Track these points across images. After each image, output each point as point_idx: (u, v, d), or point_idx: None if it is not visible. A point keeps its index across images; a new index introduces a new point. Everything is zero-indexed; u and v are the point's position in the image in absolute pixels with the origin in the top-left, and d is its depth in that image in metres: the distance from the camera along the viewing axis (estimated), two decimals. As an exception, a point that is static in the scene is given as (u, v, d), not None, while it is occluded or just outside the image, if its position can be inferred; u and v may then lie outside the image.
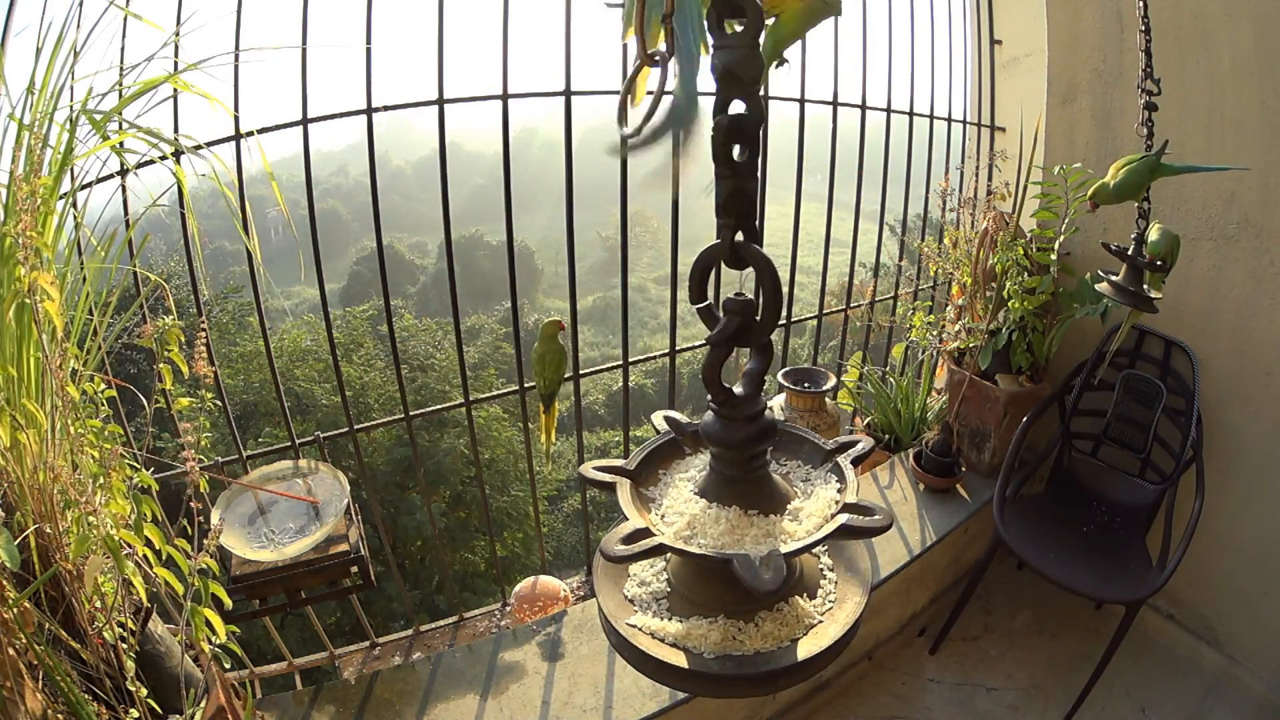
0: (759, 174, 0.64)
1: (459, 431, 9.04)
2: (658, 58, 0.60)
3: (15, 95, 0.98)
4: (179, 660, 1.10)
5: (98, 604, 0.97)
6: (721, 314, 0.67)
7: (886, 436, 2.32)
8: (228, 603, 1.10)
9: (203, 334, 1.06)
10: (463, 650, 1.65)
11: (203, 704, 1.10)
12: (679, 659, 0.67)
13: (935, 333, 2.28)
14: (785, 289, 2.27)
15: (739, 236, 0.64)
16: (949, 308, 2.27)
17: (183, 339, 1.06)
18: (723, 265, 0.68)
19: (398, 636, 1.93)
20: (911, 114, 2.33)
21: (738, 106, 0.61)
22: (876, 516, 0.65)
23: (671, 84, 0.60)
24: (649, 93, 0.63)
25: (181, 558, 1.00)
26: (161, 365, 1.05)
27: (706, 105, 0.61)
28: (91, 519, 0.89)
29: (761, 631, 0.69)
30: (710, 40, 0.59)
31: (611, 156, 0.72)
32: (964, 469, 2.15)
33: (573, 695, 1.53)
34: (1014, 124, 2.40)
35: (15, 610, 0.86)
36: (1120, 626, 1.72)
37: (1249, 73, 1.65)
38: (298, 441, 1.61)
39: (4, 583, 0.85)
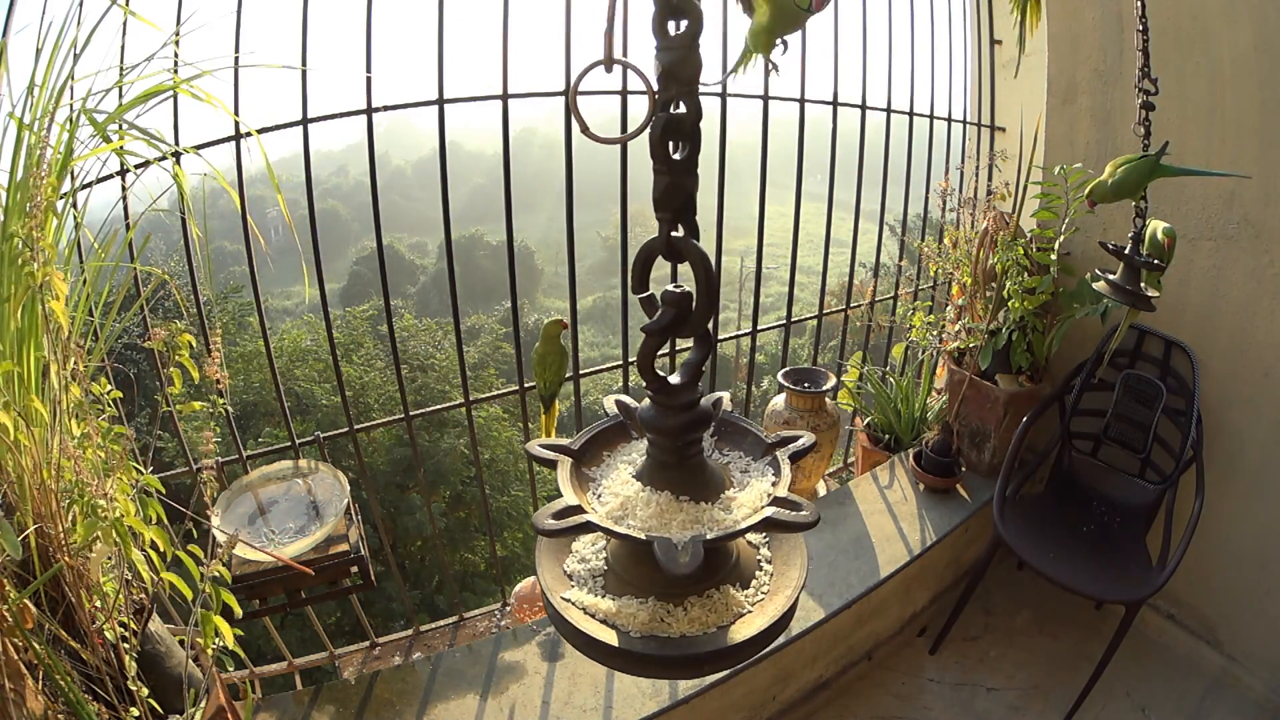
0: (697, 171, 0.65)
1: (459, 431, 9.04)
2: (611, 67, 0.62)
3: (15, 95, 0.98)
4: (179, 660, 1.10)
5: (98, 604, 0.97)
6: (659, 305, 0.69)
7: (886, 436, 2.32)
8: (238, 611, 1.10)
9: (216, 342, 1.07)
10: (463, 650, 1.65)
11: (203, 704, 1.11)
12: (608, 636, 0.68)
13: (935, 333, 2.28)
14: (785, 289, 2.27)
15: (677, 231, 0.66)
16: (949, 308, 2.27)
17: (194, 344, 1.06)
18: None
19: (398, 636, 1.93)
20: (911, 114, 2.33)
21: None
22: (804, 512, 0.66)
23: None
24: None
25: (191, 562, 1.00)
26: (172, 369, 1.05)
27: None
28: (101, 503, 0.89)
29: (689, 616, 0.70)
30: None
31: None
32: (964, 469, 2.16)
33: (573, 695, 1.54)
34: (1014, 124, 2.40)
35: (15, 610, 0.86)
36: (1120, 626, 1.72)
37: (1249, 73, 1.65)
38: (298, 441, 1.61)
39: (4, 582, 0.85)
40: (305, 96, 1.46)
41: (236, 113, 1.29)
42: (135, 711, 0.96)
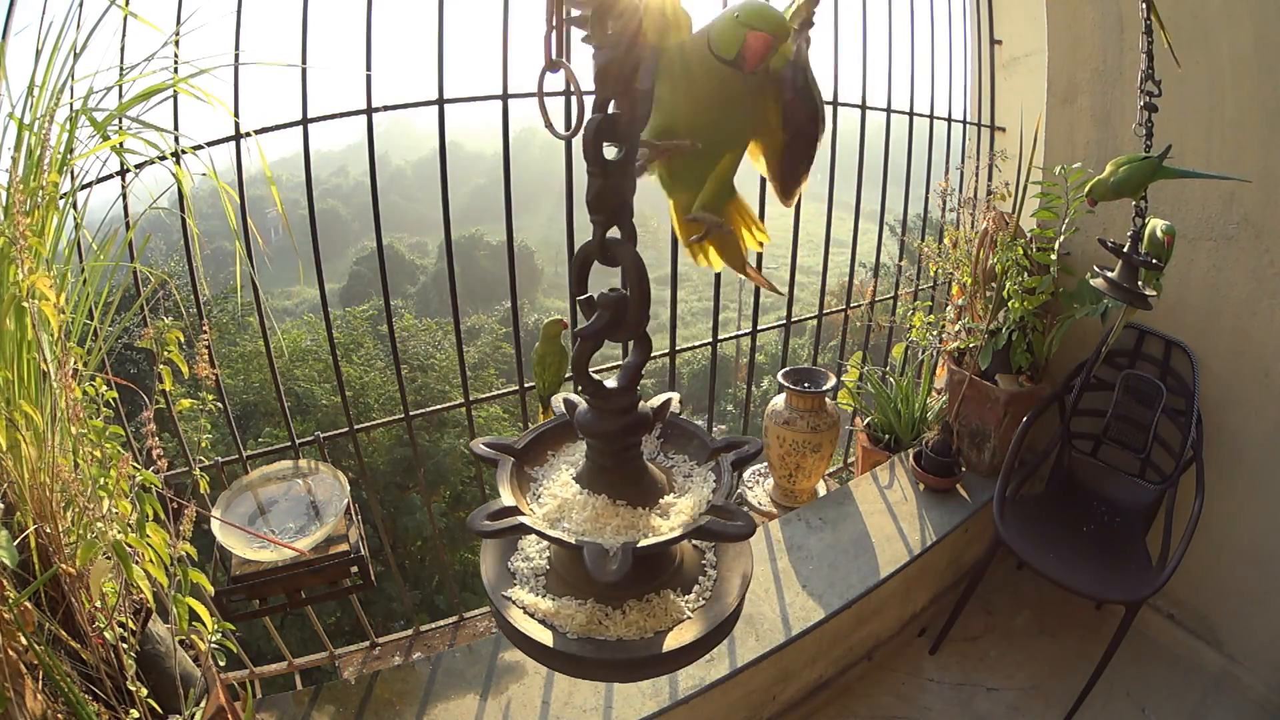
0: (633, 172, 0.64)
1: (459, 431, 9.04)
2: (554, 64, 0.62)
3: (15, 95, 0.98)
4: (179, 660, 1.10)
5: (98, 604, 0.97)
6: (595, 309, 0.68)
7: (886, 436, 2.32)
8: (208, 588, 1.09)
9: (205, 337, 1.07)
10: (463, 650, 1.65)
11: (202, 704, 1.11)
12: (544, 636, 0.68)
13: (935, 333, 2.28)
14: (785, 289, 2.27)
15: (612, 233, 0.65)
16: (949, 308, 2.27)
17: (182, 340, 1.06)
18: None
19: (398, 636, 1.93)
20: (911, 114, 2.33)
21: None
22: (739, 522, 0.64)
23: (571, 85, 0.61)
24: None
25: (164, 548, 0.99)
26: (161, 367, 1.05)
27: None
28: (100, 524, 0.89)
29: (627, 620, 0.69)
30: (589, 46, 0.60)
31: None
32: (964, 469, 2.16)
33: (573, 695, 1.54)
34: (1014, 124, 2.40)
35: (15, 610, 0.86)
36: (1120, 626, 1.72)
37: (1249, 73, 1.65)
38: (298, 441, 1.61)
39: (4, 582, 0.85)
40: (305, 96, 1.45)
41: (236, 112, 1.29)
42: (135, 712, 0.96)
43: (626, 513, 0.70)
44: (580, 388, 0.69)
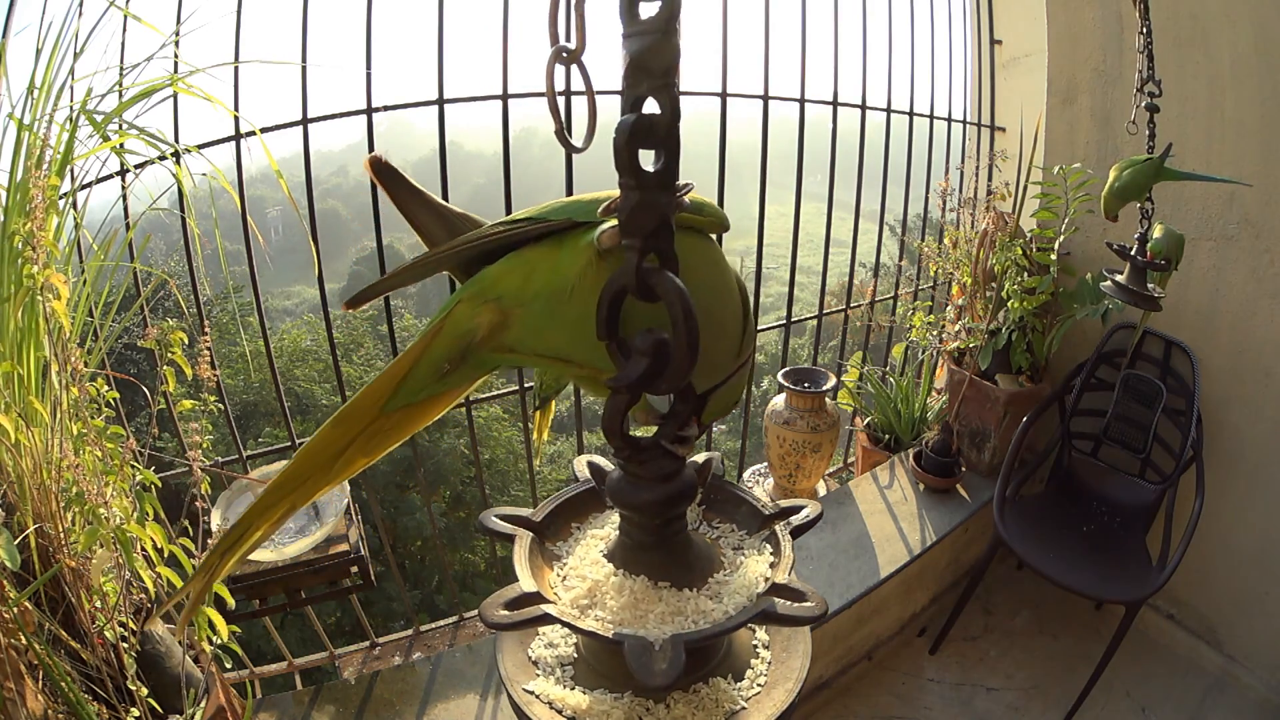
0: (675, 186, 0.52)
1: (459, 431, 9.04)
2: (565, 53, 0.54)
3: (15, 95, 0.98)
4: (179, 660, 1.10)
5: (98, 604, 0.97)
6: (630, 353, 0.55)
7: (886, 436, 2.32)
8: (230, 602, 1.10)
9: (205, 337, 1.07)
10: (463, 650, 1.65)
11: (203, 704, 1.11)
12: None
13: (935, 333, 2.28)
14: (785, 289, 2.27)
15: (649, 261, 0.52)
16: (949, 308, 2.27)
17: (185, 340, 1.06)
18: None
19: (398, 636, 1.93)
20: (911, 114, 2.33)
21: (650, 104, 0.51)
22: (809, 604, 0.55)
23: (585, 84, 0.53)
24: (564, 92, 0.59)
25: (185, 556, 1.00)
26: (165, 368, 1.05)
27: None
28: (101, 510, 0.89)
29: (671, 715, 0.60)
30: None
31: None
32: (964, 469, 2.16)
33: (573, 695, 1.53)
34: (1014, 124, 2.40)
35: (15, 610, 0.86)
36: (1120, 626, 1.72)
37: (1249, 73, 1.65)
38: (298, 441, 1.61)
39: (4, 583, 0.85)
40: (305, 96, 1.45)
41: (236, 108, 1.29)
42: (135, 712, 0.96)
43: (671, 596, 0.60)
44: (613, 450, 0.58)
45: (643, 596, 0.60)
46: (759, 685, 0.63)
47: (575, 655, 0.66)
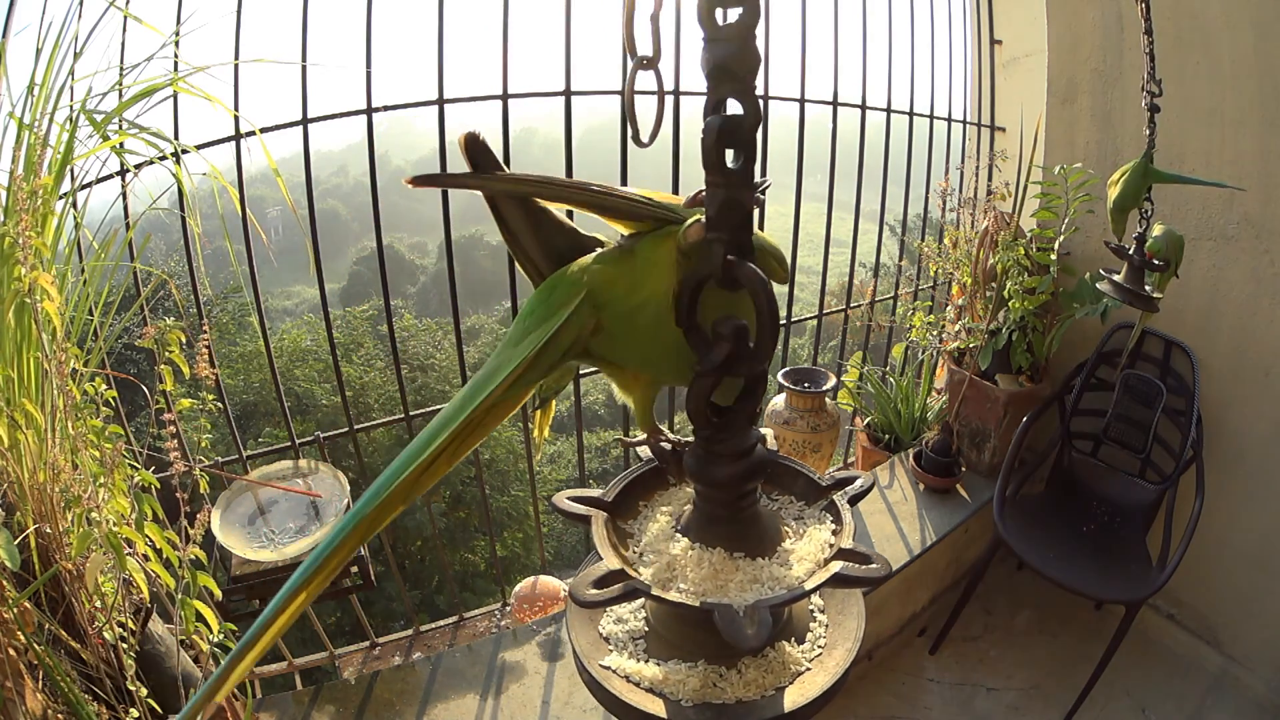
0: (754, 183, 0.57)
1: (459, 431, 9.01)
2: (645, 61, 0.57)
3: (15, 95, 0.98)
4: (179, 660, 1.10)
5: (98, 604, 0.97)
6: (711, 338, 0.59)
7: (886, 436, 2.32)
8: (216, 593, 1.09)
9: (205, 337, 1.07)
10: (463, 650, 1.65)
11: (203, 704, 1.10)
12: (656, 706, 0.61)
13: (935, 333, 2.28)
14: (786, 289, 2.27)
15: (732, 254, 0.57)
16: (949, 308, 2.27)
17: (184, 339, 1.06)
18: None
19: (398, 636, 1.93)
20: (911, 114, 2.33)
21: (733, 106, 0.56)
22: (874, 565, 0.59)
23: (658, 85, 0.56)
24: (644, 92, 0.61)
25: (172, 551, 1.00)
26: (162, 367, 1.05)
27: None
28: (94, 515, 0.89)
29: (744, 679, 0.63)
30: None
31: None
32: (964, 469, 2.15)
33: (573, 695, 1.53)
34: (1014, 124, 2.40)
35: (15, 610, 0.86)
36: (1120, 626, 1.72)
37: (1249, 73, 1.65)
38: (298, 441, 1.61)
39: (4, 583, 0.85)
40: (305, 96, 1.45)
41: (236, 108, 1.29)
42: (135, 712, 0.96)
43: (747, 565, 0.63)
44: (695, 429, 0.62)
45: (721, 567, 0.63)
46: (819, 646, 0.67)
47: (645, 629, 0.69)
